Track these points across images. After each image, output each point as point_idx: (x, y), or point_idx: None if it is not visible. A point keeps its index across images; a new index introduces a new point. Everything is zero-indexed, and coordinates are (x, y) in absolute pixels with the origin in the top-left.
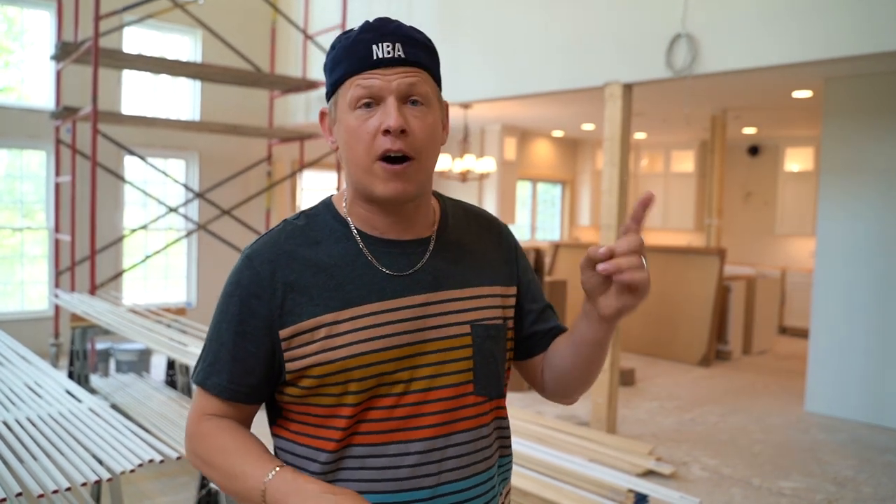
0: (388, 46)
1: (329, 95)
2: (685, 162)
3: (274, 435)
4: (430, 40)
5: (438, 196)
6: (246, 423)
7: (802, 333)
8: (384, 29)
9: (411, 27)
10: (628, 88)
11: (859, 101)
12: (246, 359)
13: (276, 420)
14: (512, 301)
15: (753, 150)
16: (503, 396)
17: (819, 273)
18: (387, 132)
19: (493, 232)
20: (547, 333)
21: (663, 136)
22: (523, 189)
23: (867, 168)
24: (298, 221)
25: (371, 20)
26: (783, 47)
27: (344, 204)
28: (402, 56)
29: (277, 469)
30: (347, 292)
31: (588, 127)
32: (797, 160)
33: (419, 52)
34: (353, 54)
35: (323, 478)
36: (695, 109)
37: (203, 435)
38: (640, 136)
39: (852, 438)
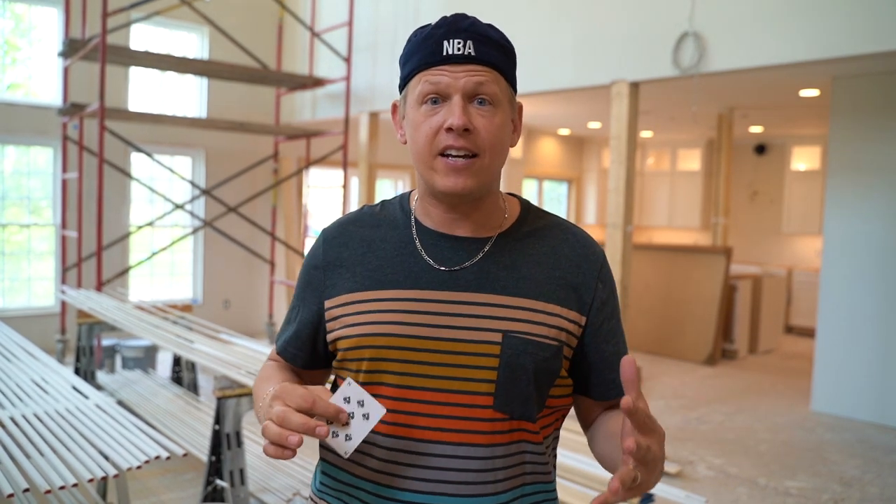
0: (458, 43)
1: (401, 89)
2: (692, 160)
3: None
4: (507, 40)
5: (525, 205)
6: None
7: (809, 332)
8: (458, 25)
9: (489, 25)
10: (635, 87)
11: (867, 100)
12: (300, 325)
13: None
14: (576, 329)
15: (760, 149)
16: (532, 420)
17: (825, 272)
18: (450, 130)
19: (578, 253)
20: (598, 390)
21: (670, 134)
22: (529, 187)
23: (874, 167)
24: (374, 208)
25: (448, 15)
26: (790, 46)
27: (415, 198)
28: (472, 54)
29: (277, 385)
30: (385, 274)
31: (594, 125)
32: (804, 159)
33: (491, 51)
34: (424, 49)
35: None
36: (702, 108)
37: (260, 371)
38: (646, 134)
39: (858, 438)
